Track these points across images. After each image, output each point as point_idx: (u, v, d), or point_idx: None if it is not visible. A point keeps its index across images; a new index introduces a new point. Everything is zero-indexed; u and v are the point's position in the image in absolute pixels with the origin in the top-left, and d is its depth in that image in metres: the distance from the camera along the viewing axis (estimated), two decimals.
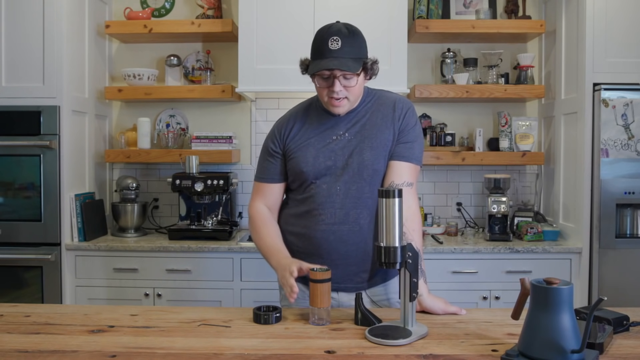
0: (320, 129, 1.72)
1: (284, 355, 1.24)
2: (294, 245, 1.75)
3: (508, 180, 3.05)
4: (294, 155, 1.71)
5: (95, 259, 2.82)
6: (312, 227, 1.68)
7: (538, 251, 2.76)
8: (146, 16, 3.16)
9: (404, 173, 1.66)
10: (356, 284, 1.70)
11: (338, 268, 1.66)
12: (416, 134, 1.71)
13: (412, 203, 1.66)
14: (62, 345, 1.30)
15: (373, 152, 1.66)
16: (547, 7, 3.22)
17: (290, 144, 1.74)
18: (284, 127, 1.76)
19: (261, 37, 2.90)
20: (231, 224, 3.04)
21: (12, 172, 2.80)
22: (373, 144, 1.67)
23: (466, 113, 3.35)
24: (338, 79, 1.59)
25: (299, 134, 1.73)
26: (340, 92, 1.61)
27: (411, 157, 1.68)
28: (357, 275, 1.70)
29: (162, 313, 1.56)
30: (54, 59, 2.76)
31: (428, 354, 1.24)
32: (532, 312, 1.16)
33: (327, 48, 1.57)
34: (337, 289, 1.69)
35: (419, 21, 3.05)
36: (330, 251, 1.67)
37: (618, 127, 2.72)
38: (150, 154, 3.13)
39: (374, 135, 1.68)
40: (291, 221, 1.76)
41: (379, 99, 1.74)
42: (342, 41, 1.57)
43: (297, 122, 1.76)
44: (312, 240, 1.69)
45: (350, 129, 1.70)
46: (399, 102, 1.72)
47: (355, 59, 1.59)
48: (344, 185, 1.65)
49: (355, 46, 1.60)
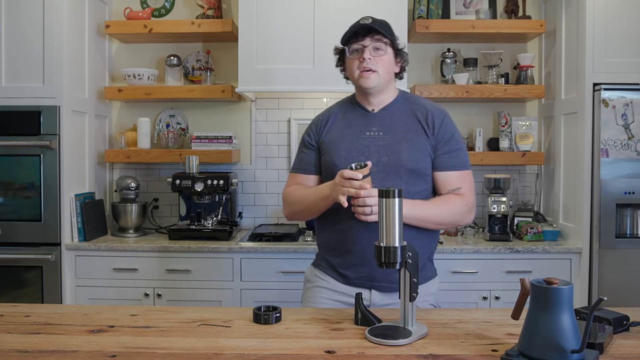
0: (354, 125, 1.75)
1: (284, 355, 1.24)
2: (328, 243, 1.77)
3: (508, 180, 3.05)
4: (328, 149, 1.75)
5: (95, 259, 2.82)
6: (347, 223, 1.68)
7: (538, 251, 2.76)
8: (146, 16, 3.16)
9: (453, 180, 1.72)
10: (390, 283, 1.68)
11: (372, 266, 1.65)
12: (457, 142, 1.76)
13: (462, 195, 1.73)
14: (62, 345, 1.30)
15: (411, 154, 1.69)
16: (547, 7, 3.22)
17: (324, 137, 1.78)
18: (320, 120, 1.82)
19: (261, 37, 2.90)
20: (231, 224, 3.04)
21: (12, 172, 2.80)
22: (410, 146, 1.69)
23: (466, 113, 3.35)
24: (368, 48, 1.68)
25: (333, 128, 1.78)
26: (370, 61, 1.67)
27: (458, 165, 1.74)
28: (391, 274, 1.67)
29: (162, 313, 1.56)
30: (54, 59, 2.76)
31: (428, 354, 1.24)
32: (532, 312, 1.16)
33: (358, 24, 1.70)
34: (371, 287, 1.70)
35: (419, 21, 3.05)
36: (365, 248, 1.65)
37: (618, 127, 2.72)
38: (150, 154, 3.13)
39: (410, 139, 1.71)
40: (329, 221, 1.76)
41: (413, 103, 1.79)
42: (372, 19, 1.69)
43: (331, 116, 1.81)
44: (346, 236, 1.69)
45: (385, 127, 1.72)
46: (434, 110, 1.77)
47: (386, 31, 1.70)
48: (379, 183, 1.64)
49: (386, 25, 1.73)
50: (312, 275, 1.84)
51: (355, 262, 1.70)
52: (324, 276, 1.78)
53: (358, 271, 1.71)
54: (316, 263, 1.85)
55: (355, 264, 1.70)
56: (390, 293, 1.69)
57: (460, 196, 1.72)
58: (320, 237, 1.85)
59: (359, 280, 1.71)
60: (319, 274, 1.80)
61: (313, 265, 1.87)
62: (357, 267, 1.70)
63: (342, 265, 1.73)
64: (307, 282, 1.86)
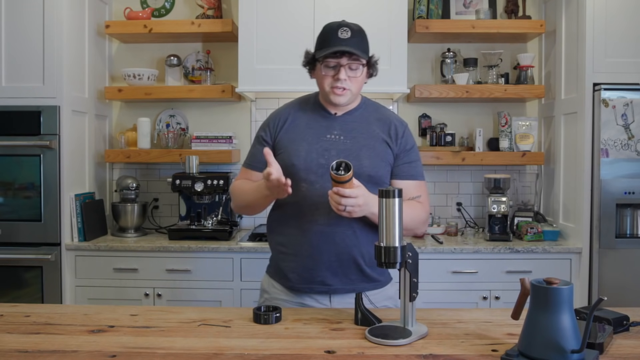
0: (315, 127, 1.72)
1: (284, 355, 1.24)
2: (284, 248, 1.73)
3: (508, 180, 3.05)
4: (285, 149, 1.70)
5: (95, 259, 2.82)
6: (306, 228, 1.66)
7: (538, 251, 2.76)
8: (146, 16, 3.16)
9: (412, 189, 1.71)
10: (344, 286, 1.68)
11: (329, 270, 1.66)
12: (416, 153, 1.78)
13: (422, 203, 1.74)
14: (62, 345, 1.30)
15: (372, 161, 1.68)
16: (547, 7, 3.22)
17: (282, 136, 1.73)
18: (277, 118, 1.77)
19: (261, 37, 2.90)
20: (231, 224, 3.04)
21: (12, 172, 2.80)
22: (372, 153, 1.68)
23: (466, 113, 3.35)
24: (344, 68, 1.63)
25: (292, 127, 1.73)
26: (345, 82, 1.64)
27: (417, 175, 1.75)
28: (347, 277, 1.68)
29: (162, 313, 1.56)
30: (54, 59, 2.76)
31: (428, 354, 1.24)
32: (532, 312, 1.16)
33: (336, 37, 1.62)
34: (328, 291, 1.68)
35: (419, 21, 3.05)
36: (323, 253, 1.65)
37: (618, 127, 2.72)
38: (150, 154, 3.13)
39: (372, 146, 1.69)
40: (282, 223, 1.73)
41: (375, 111, 1.78)
42: (351, 32, 1.63)
43: (290, 115, 1.76)
44: (304, 242, 1.67)
45: (346, 132, 1.70)
46: (396, 121, 1.77)
47: (363, 50, 1.65)
48: None
49: (363, 40, 1.67)
50: (269, 286, 1.79)
51: (308, 267, 1.67)
52: (281, 287, 1.74)
53: (314, 278, 1.67)
54: (271, 272, 1.80)
55: (308, 269, 1.67)
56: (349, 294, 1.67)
57: (421, 204, 1.72)
58: (271, 240, 1.80)
59: (316, 286, 1.68)
60: (276, 285, 1.76)
61: (268, 274, 1.82)
62: (311, 273, 1.67)
63: (295, 271, 1.69)
64: (263, 292, 1.81)
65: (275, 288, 1.76)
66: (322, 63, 1.64)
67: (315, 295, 1.70)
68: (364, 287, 1.69)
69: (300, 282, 1.69)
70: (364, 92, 1.80)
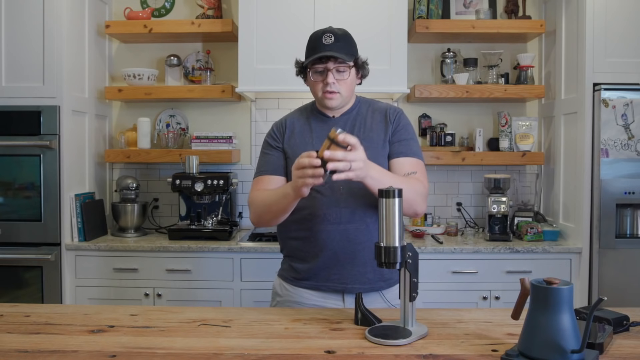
0: (317, 130, 1.76)
1: (284, 355, 1.24)
2: (298, 251, 1.74)
3: (508, 180, 3.05)
4: (294, 154, 1.72)
5: (95, 259, 2.82)
6: (317, 228, 1.68)
7: (538, 251, 2.76)
8: (146, 16, 3.16)
9: (407, 165, 1.70)
10: (362, 285, 1.68)
11: (345, 268, 1.67)
12: (410, 132, 1.77)
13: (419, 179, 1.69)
14: (62, 345, 1.30)
15: (371, 152, 1.67)
16: (547, 7, 3.22)
17: (287, 142, 1.77)
18: (281, 126, 1.82)
19: (261, 37, 2.90)
20: (231, 224, 3.04)
21: (12, 172, 2.80)
22: (371, 144, 1.69)
23: (466, 113, 3.35)
24: (332, 72, 1.68)
25: (295, 134, 1.77)
26: (334, 85, 1.68)
27: (411, 153, 1.73)
28: (364, 275, 1.68)
29: (162, 313, 1.55)
30: (54, 59, 2.76)
31: (428, 354, 1.24)
32: (532, 312, 1.16)
33: (321, 43, 1.67)
34: (344, 290, 1.69)
35: (419, 21, 3.05)
36: (337, 251, 1.67)
37: (618, 127, 2.72)
38: (150, 154, 3.13)
39: (370, 137, 1.72)
40: (294, 226, 1.74)
41: (371, 106, 1.81)
42: (335, 37, 1.67)
43: (292, 123, 1.81)
44: (317, 241, 1.68)
45: (346, 130, 1.71)
46: (390, 108, 1.80)
47: (347, 53, 1.68)
48: (346, 184, 1.65)
49: (348, 43, 1.70)
50: (281, 289, 1.79)
51: (324, 266, 1.68)
52: (294, 289, 1.75)
53: (329, 276, 1.69)
54: (283, 275, 1.81)
55: (324, 268, 1.69)
56: (365, 294, 1.66)
57: (419, 180, 1.69)
58: (284, 245, 1.81)
59: (331, 284, 1.69)
60: (288, 287, 1.77)
61: (280, 277, 1.82)
62: (327, 272, 1.69)
63: (310, 271, 1.71)
64: (276, 295, 1.81)
65: (288, 290, 1.76)
66: (311, 70, 1.70)
67: (330, 295, 1.70)
68: (380, 287, 1.71)
69: (317, 280, 1.70)
70: (364, 92, 1.82)
